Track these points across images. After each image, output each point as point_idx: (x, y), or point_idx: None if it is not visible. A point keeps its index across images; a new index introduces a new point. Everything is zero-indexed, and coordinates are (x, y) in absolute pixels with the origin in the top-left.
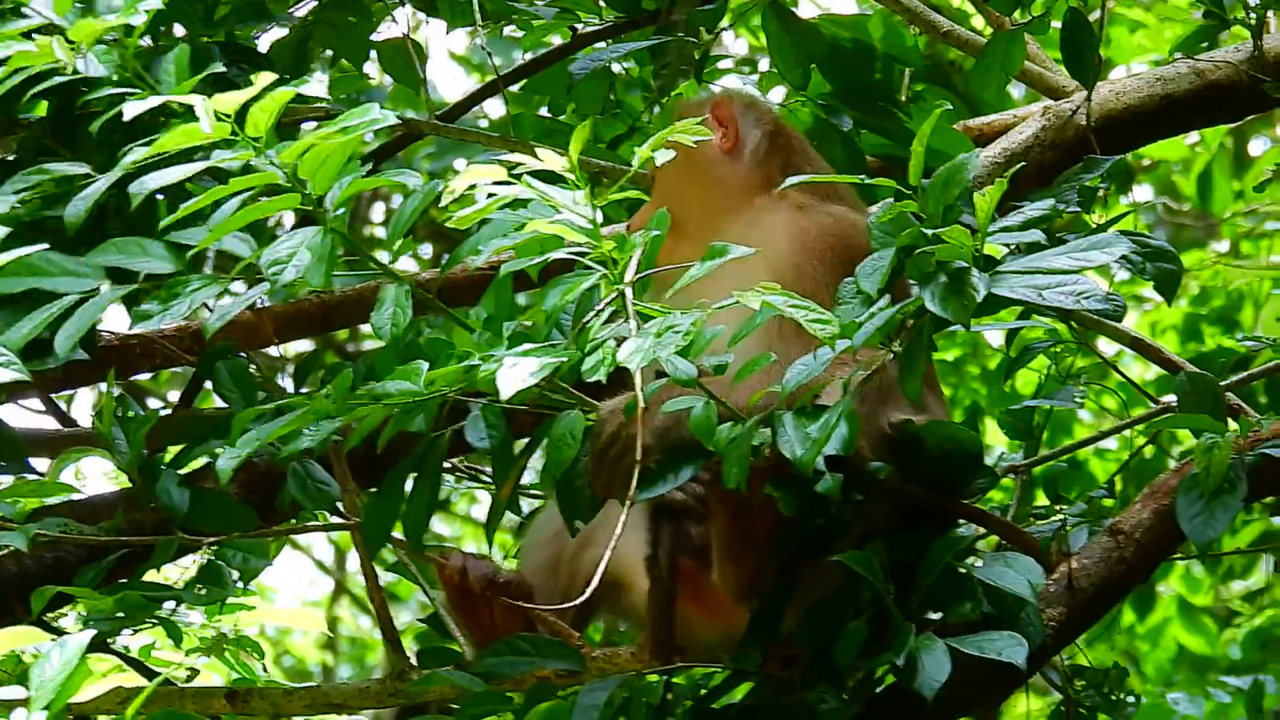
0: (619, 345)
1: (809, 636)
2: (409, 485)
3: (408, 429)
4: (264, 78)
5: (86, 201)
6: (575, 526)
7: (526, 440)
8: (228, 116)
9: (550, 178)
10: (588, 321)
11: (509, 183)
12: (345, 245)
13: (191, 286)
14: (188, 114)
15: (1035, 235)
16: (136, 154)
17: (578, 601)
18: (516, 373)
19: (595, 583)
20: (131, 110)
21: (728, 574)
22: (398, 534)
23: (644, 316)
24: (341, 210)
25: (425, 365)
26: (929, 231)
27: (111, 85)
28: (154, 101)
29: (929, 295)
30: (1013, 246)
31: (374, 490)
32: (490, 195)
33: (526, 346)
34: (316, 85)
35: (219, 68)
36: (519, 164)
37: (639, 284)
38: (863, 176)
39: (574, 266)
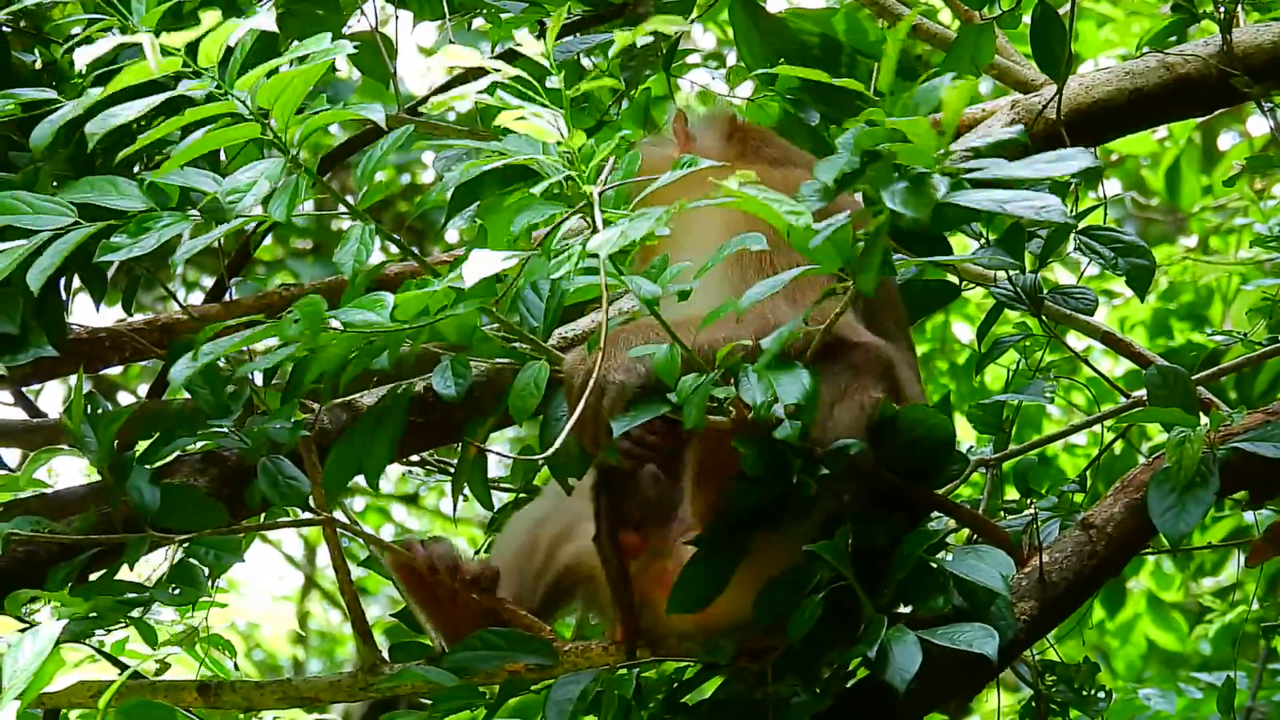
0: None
1: (764, 611)
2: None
3: (371, 367)
4: (211, 16)
5: (53, 125)
6: (570, 485)
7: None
8: (177, 50)
9: (530, 67)
10: (556, 226)
11: (484, 72)
12: (309, 180)
13: (162, 222)
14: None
15: (1001, 163)
16: (91, 94)
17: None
18: (483, 261)
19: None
20: (84, 56)
21: (697, 498)
22: (369, 528)
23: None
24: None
25: (390, 296)
26: (892, 127)
27: (80, 10)
28: (110, 43)
29: (889, 195)
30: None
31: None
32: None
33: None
34: (265, 19)
35: None
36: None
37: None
38: (832, 79)
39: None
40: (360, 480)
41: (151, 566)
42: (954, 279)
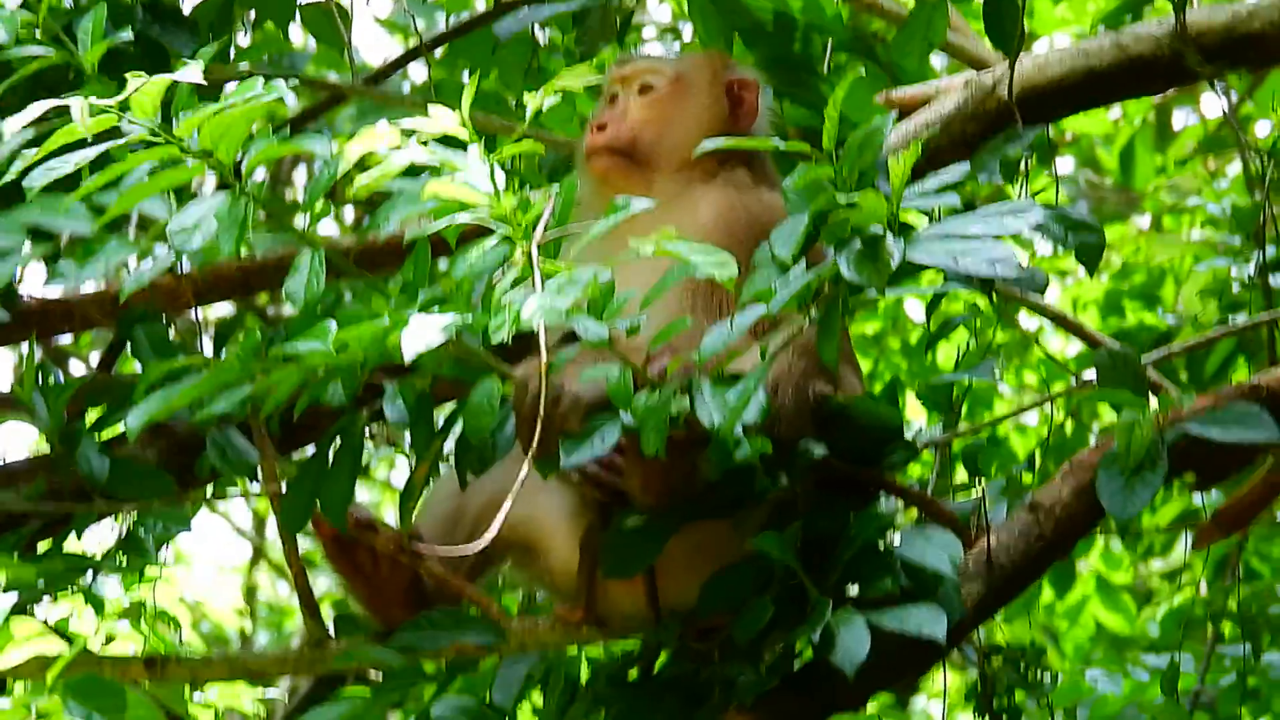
0: (523, 304)
1: (708, 605)
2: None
3: (323, 400)
4: (135, 80)
5: None
6: (467, 479)
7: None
8: (110, 108)
9: (449, 140)
10: (495, 283)
11: (403, 147)
12: (261, 210)
13: (108, 247)
14: (99, 76)
15: (950, 199)
16: (25, 155)
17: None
18: (421, 332)
19: (493, 532)
20: (11, 126)
21: (638, 476)
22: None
23: (548, 277)
24: (258, 176)
25: (334, 324)
26: (843, 198)
27: (24, 45)
28: (40, 108)
29: (844, 261)
30: (934, 215)
31: (292, 458)
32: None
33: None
34: (193, 72)
35: (127, 35)
36: (415, 129)
37: (554, 247)
38: (777, 141)
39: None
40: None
41: (99, 538)
42: None
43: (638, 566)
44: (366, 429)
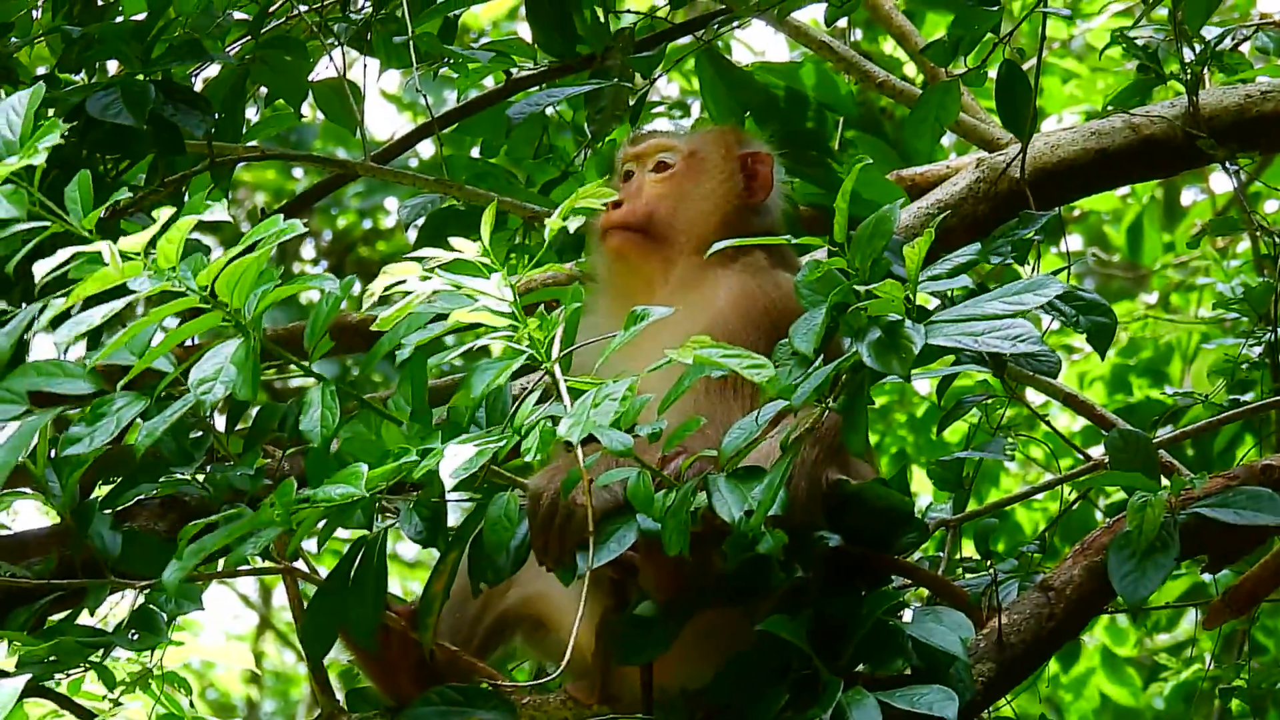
0: (554, 423)
1: (721, 692)
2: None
3: (345, 527)
4: (164, 213)
5: (10, 336)
6: (480, 587)
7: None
8: (136, 255)
9: (468, 266)
10: (519, 403)
11: (426, 277)
12: (265, 350)
13: (117, 405)
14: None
15: (963, 281)
16: (54, 304)
17: None
18: (457, 461)
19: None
20: (41, 270)
21: (652, 570)
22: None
23: (573, 390)
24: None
25: (365, 468)
26: (860, 288)
27: (21, 222)
28: (64, 255)
29: (865, 351)
30: (948, 297)
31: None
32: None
33: (462, 436)
34: (219, 212)
35: (125, 194)
36: (433, 259)
37: (565, 356)
38: (789, 237)
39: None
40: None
41: (110, 607)
42: None
43: (651, 654)
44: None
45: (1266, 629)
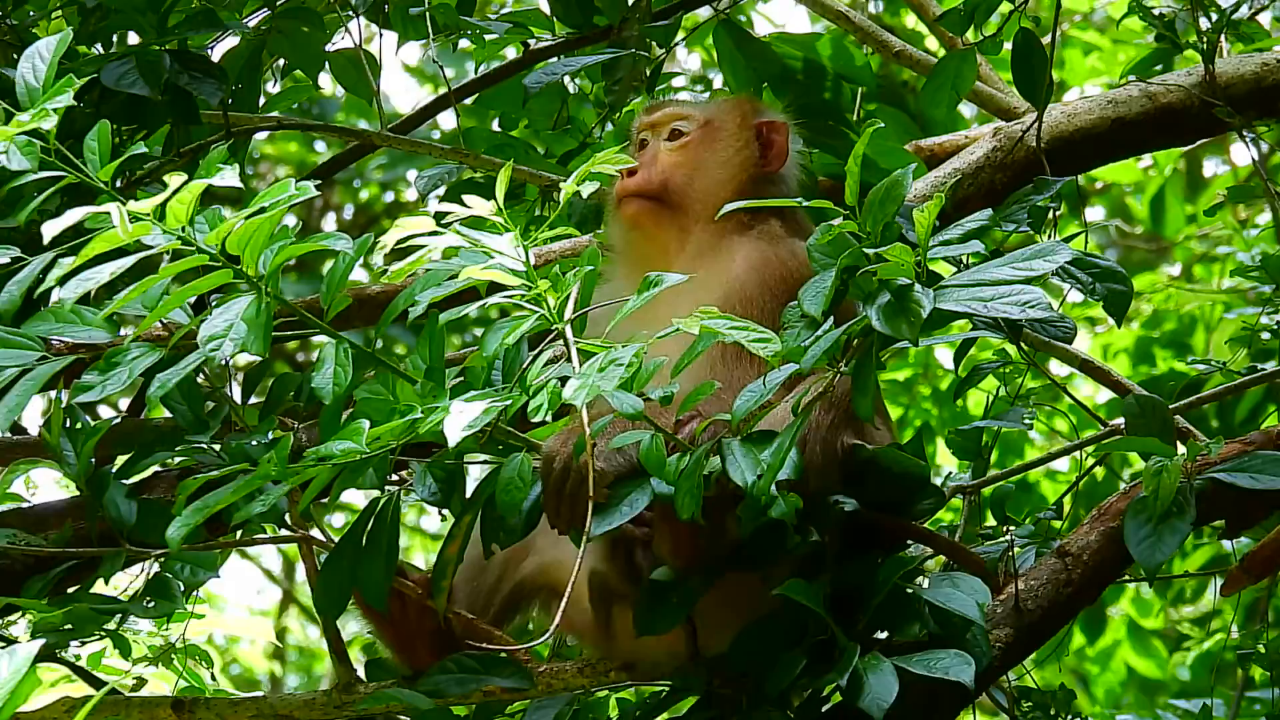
0: (563, 384)
1: (739, 658)
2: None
3: (358, 487)
4: (176, 179)
5: (20, 286)
6: (492, 550)
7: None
8: (146, 215)
9: (481, 222)
10: (529, 362)
11: (439, 233)
12: (281, 307)
13: (130, 355)
14: (111, 195)
15: (975, 246)
16: (63, 263)
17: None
18: (462, 419)
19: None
20: (50, 230)
21: (667, 536)
22: None
23: (584, 353)
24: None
25: (366, 424)
26: (870, 251)
27: (35, 173)
28: (79, 213)
29: (874, 314)
30: (961, 263)
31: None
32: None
33: (471, 394)
34: (230, 176)
35: (140, 148)
36: (449, 213)
37: (577, 319)
38: (800, 200)
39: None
40: (343, 496)
41: (128, 580)
42: None
43: (669, 624)
44: (394, 474)
45: None
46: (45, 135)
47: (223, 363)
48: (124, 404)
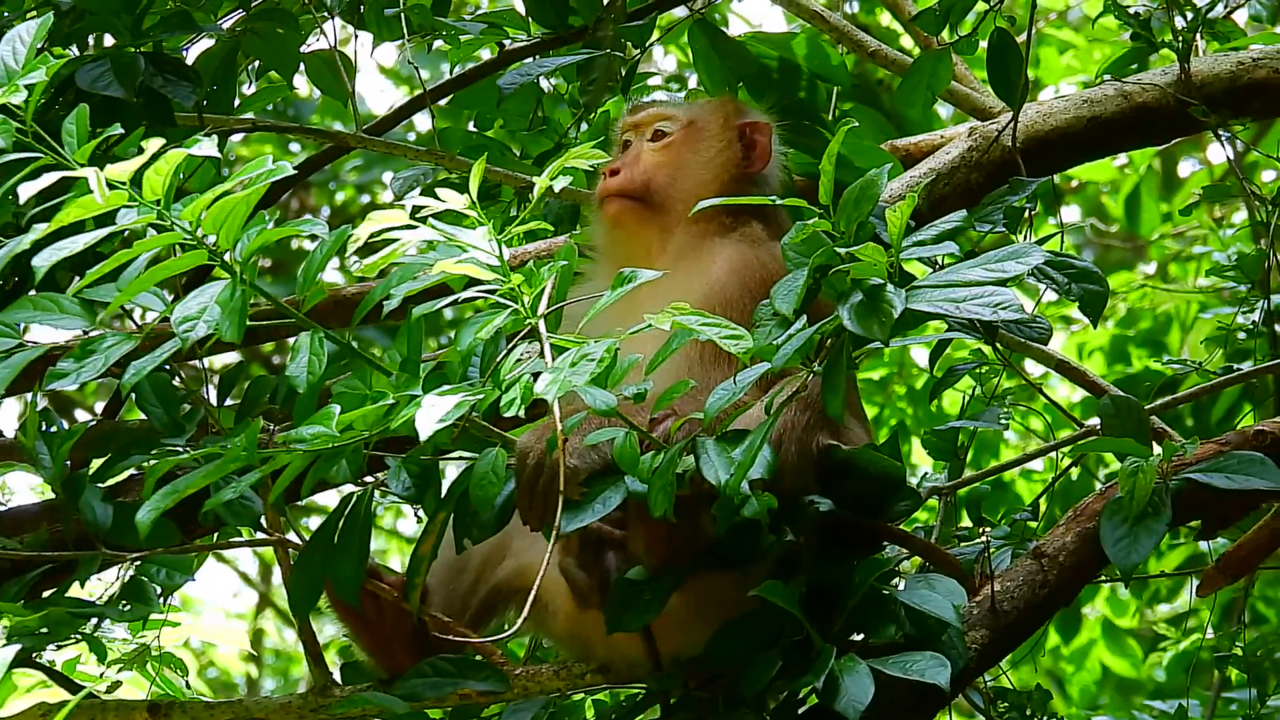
0: (535, 379)
1: (715, 660)
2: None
3: (330, 479)
4: (154, 143)
5: None
6: (464, 545)
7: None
8: (122, 184)
9: (455, 217)
10: (502, 357)
11: (413, 227)
12: (256, 295)
13: (106, 343)
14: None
15: (950, 248)
16: (37, 229)
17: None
18: (434, 412)
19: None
20: (27, 190)
21: (641, 534)
22: None
23: (558, 348)
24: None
25: (337, 409)
26: (843, 250)
27: (11, 151)
28: (50, 178)
29: (846, 313)
30: (935, 264)
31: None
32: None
33: (444, 387)
34: (207, 146)
35: (117, 129)
36: (423, 207)
37: (553, 315)
38: (774, 198)
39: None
40: (318, 499)
41: (104, 584)
42: None
43: (641, 621)
44: (370, 475)
45: (1267, 599)
46: (21, 114)
47: (199, 366)
48: (99, 407)
